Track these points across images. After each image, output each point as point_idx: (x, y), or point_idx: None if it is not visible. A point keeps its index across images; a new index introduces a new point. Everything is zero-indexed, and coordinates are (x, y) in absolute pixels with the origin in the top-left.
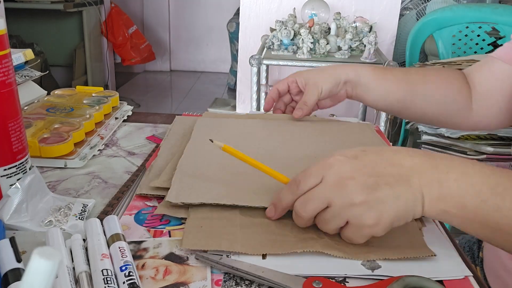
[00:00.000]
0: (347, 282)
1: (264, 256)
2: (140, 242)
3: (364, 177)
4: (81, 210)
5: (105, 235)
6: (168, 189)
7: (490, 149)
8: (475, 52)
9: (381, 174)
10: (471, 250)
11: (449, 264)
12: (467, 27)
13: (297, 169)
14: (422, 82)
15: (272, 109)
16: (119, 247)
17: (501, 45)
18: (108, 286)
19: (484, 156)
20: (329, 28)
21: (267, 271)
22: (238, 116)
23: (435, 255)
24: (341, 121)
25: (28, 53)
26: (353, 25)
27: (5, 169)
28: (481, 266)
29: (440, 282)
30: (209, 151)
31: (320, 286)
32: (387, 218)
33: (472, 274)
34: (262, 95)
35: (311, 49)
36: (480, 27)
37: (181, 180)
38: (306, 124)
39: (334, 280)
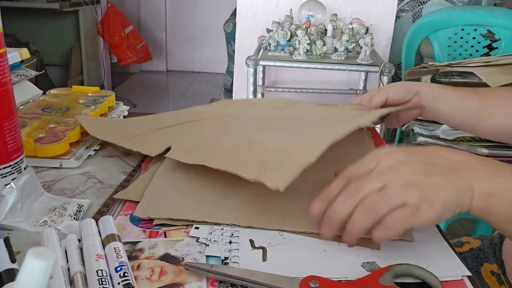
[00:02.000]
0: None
1: (264, 258)
2: (136, 242)
3: (417, 163)
4: (76, 210)
5: (100, 235)
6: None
7: (485, 151)
8: (471, 55)
9: (433, 163)
10: (494, 253)
11: (444, 265)
12: (462, 30)
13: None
14: (493, 96)
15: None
16: (114, 248)
17: (496, 48)
18: (103, 287)
19: None
20: (326, 30)
21: (261, 275)
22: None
23: (412, 241)
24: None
25: (24, 52)
26: (350, 26)
27: (0, 169)
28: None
29: None
30: (184, 164)
31: (317, 285)
32: (439, 204)
33: (467, 275)
34: (259, 96)
35: (307, 50)
36: (475, 30)
37: (154, 193)
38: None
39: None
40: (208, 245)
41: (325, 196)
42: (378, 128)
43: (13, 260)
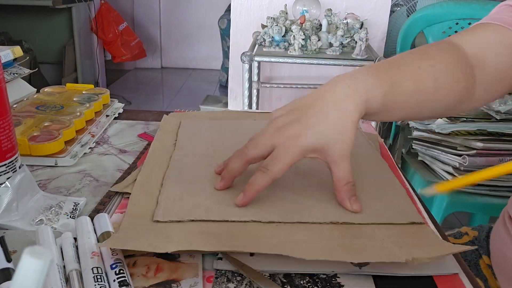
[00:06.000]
0: (338, 277)
1: (252, 254)
2: None
3: (289, 111)
4: (72, 208)
5: (95, 233)
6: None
7: (480, 144)
8: None
9: (302, 105)
10: (482, 245)
11: (438, 260)
12: (457, 24)
13: (290, 177)
14: (433, 92)
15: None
16: None
17: None
18: (98, 284)
19: (474, 151)
20: (320, 25)
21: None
22: (220, 116)
23: (423, 223)
24: None
25: (17, 50)
26: (344, 21)
27: None
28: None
29: (430, 278)
30: (195, 162)
31: None
32: (314, 123)
33: (462, 271)
34: (254, 92)
35: (302, 45)
36: (469, 24)
37: (168, 197)
38: None
39: (325, 276)
40: None
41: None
42: (373, 123)
43: (8, 260)
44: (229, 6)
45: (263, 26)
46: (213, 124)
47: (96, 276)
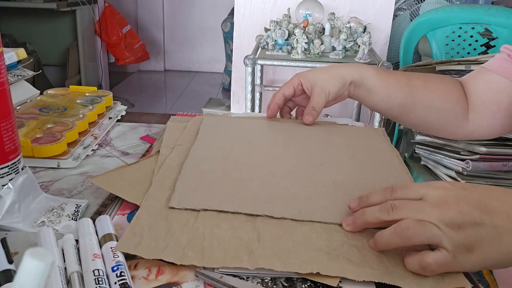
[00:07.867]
0: (340, 281)
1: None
2: None
3: (469, 208)
4: (74, 210)
5: (97, 235)
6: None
7: (483, 149)
8: (468, 53)
9: (488, 210)
10: None
11: None
12: (460, 28)
13: (306, 175)
14: (423, 89)
15: (277, 115)
16: (111, 247)
17: (494, 46)
18: (99, 287)
19: (478, 156)
20: (324, 28)
21: None
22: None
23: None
24: (348, 125)
25: (21, 52)
26: (347, 25)
27: None
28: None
29: None
30: (214, 154)
31: None
32: (481, 257)
33: (468, 283)
34: (257, 95)
35: (305, 49)
36: (473, 28)
37: (184, 185)
38: (314, 127)
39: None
40: None
41: (365, 199)
42: (376, 127)
43: (10, 261)
44: (233, 9)
45: (266, 30)
46: (234, 121)
47: (97, 278)
